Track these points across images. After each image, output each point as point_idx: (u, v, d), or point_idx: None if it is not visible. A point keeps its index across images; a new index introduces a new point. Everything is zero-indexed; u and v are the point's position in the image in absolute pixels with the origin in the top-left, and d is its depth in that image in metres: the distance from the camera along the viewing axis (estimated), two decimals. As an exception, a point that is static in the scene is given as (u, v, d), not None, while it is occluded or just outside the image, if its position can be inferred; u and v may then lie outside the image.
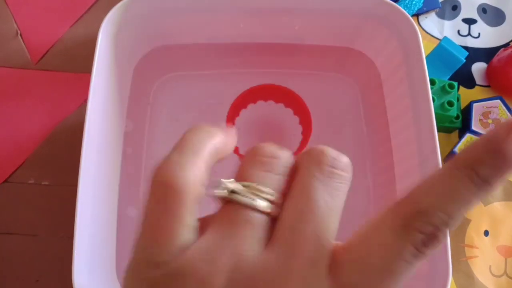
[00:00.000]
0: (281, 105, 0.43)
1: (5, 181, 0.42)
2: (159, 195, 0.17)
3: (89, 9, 0.49)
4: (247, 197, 0.17)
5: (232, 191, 0.17)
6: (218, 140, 0.19)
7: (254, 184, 0.17)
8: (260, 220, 0.17)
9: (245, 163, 0.18)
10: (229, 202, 0.17)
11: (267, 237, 0.17)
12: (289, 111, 0.43)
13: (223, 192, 0.17)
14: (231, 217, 0.17)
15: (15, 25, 0.48)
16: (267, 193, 0.17)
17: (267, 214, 0.17)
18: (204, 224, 0.17)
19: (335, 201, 0.17)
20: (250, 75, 0.44)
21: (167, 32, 0.41)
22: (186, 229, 0.16)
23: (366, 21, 0.39)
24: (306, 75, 0.45)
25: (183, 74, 0.45)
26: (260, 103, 0.43)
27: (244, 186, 0.17)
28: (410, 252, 0.15)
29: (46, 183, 0.42)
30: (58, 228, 0.40)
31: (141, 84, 0.42)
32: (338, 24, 0.41)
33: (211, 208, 0.18)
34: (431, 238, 0.15)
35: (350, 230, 0.44)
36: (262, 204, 0.17)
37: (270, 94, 0.43)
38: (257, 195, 0.17)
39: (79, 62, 0.46)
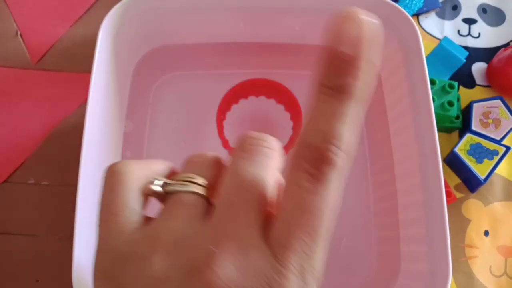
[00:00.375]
0: (272, 101, 0.43)
1: (5, 181, 0.42)
2: (107, 183, 0.19)
3: (89, 9, 0.49)
4: (178, 184, 0.19)
5: (165, 184, 0.20)
6: (158, 162, 0.21)
7: (185, 174, 0.20)
8: (193, 201, 0.19)
9: (182, 167, 0.21)
10: (168, 195, 0.19)
11: (207, 216, 0.18)
12: (281, 106, 0.43)
13: (157, 187, 0.20)
14: (168, 204, 0.19)
15: (14, 25, 0.48)
16: (196, 178, 0.19)
17: (201, 196, 0.19)
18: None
19: (261, 171, 0.18)
20: (250, 75, 0.44)
21: (167, 32, 0.41)
22: (131, 211, 0.19)
23: (366, 21, 0.39)
24: (306, 75, 0.45)
25: (183, 74, 0.45)
26: (252, 98, 0.43)
27: (175, 178, 0.20)
28: (305, 178, 0.16)
29: (46, 183, 0.42)
30: (58, 228, 0.40)
31: (141, 84, 0.42)
32: (338, 24, 0.41)
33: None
34: (318, 158, 0.16)
35: (350, 229, 0.44)
36: (194, 188, 0.19)
37: (261, 89, 0.42)
38: (189, 182, 0.19)
39: (79, 62, 0.46)
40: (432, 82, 0.43)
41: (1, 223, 0.41)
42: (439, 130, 0.38)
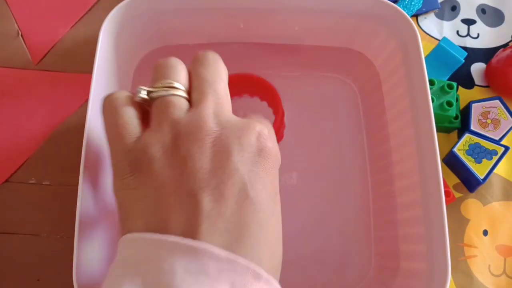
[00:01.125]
0: (256, 99, 0.41)
1: (6, 181, 0.42)
2: (108, 108, 0.26)
3: (90, 9, 0.49)
4: (162, 90, 0.25)
5: (149, 91, 0.25)
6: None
7: (165, 80, 0.25)
8: (178, 99, 0.25)
9: (153, 74, 0.27)
10: (153, 103, 0.25)
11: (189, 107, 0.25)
12: (264, 103, 0.40)
13: (143, 95, 0.25)
14: (157, 107, 0.25)
15: (15, 25, 0.48)
16: (174, 83, 0.25)
17: (182, 96, 0.25)
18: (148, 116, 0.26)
19: (215, 70, 0.27)
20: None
21: (167, 32, 0.41)
22: (132, 122, 0.25)
23: (365, 21, 0.40)
24: (306, 75, 0.45)
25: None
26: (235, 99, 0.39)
27: (158, 84, 0.25)
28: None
29: (47, 183, 0.42)
30: (58, 227, 0.41)
31: (142, 84, 0.43)
32: (337, 24, 0.41)
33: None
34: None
35: (349, 228, 0.44)
36: (175, 91, 0.25)
37: (242, 87, 0.39)
38: (170, 86, 0.25)
39: (80, 62, 0.46)
40: (431, 83, 0.43)
41: (2, 222, 0.41)
42: (438, 130, 0.38)
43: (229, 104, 0.26)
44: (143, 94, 0.25)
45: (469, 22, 0.51)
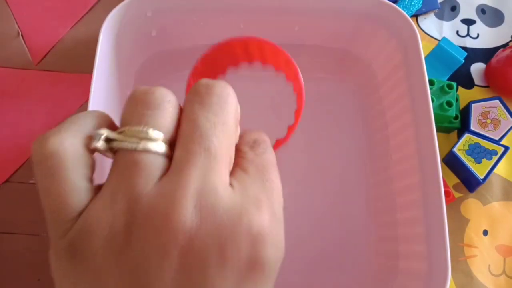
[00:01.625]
0: (271, 68, 0.32)
1: (6, 181, 0.42)
2: (41, 164, 0.17)
3: (90, 9, 0.49)
4: (125, 141, 0.17)
5: (108, 139, 0.17)
6: (94, 114, 0.19)
7: (137, 128, 0.17)
8: (150, 160, 0.17)
9: (124, 109, 0.18)
10: (116, 153, 0.17)
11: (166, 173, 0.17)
12: (282, 76, 0.32)
13: (103, 144, 0.17)
14: (119, 164, 0.17)
15: (16, 25, 0.48)
16: (152, 133, 0.17)
17: (156, 153, 0.17)
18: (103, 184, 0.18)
19: (217, 117, 0.17)
20: (250, 76, 0.44)
21: (168, 32, 0.41)
22: (76, 191, 0.17)
23: (365, 22, 0.40)
24: (305, 76, 0.45)
25: (184, 74, 0.45)
26: (244, 65, 0.31)
27: (127, 131, 0.17)
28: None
29: (47, 183, 0.42)
30: (59, 227, 0.41)
31: (142, 84, 0.42)
32: (337, 25, 0.41)
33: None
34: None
35: (350, 228, 0.44)
36: (149, 145, 0.17)
37: (253, 52, 0.31)
38: (143, 137, 0.17)
39: (80, 62, 0.46)
40: (431, 83, 0.43)
41: (2, 222, 0.41)
42: (438, 130, 0.38)
43: (226, 172, 0.17)
44: (100, 144, 0.17)
45: (468, 22, 0.51)
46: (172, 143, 0.17)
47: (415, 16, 0.51)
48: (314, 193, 0.42)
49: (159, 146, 0.17)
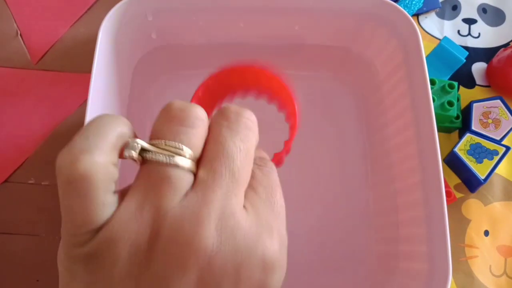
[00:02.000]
0: (264, 98, 0.32)
1: (5, 181, 0.42)
2: (70, 185, 0.17)
3: (89, 9, 0.49)
4: (160, 154, 0.17)
5: (143, 150, 0.18)
6: (119, 122, 0.19)
7: (170, 142, 0.18)
8: (179, 176, 0.17)
9: (157, 121, 0.19)
10: (146, 163, 0.18)
11: (189, 189, 0.18)
12: (273, 106, 0.31)
13: (135, 153, 0.18)
14: (148, 176, 0.17)
15: (15, 25, 0.48)
16: (184, 150, 0.18)
17: (186, 169, 0.17)
18: (126, 193, 0.18)
19: (244, 143, 0.19)
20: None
21: (167, 32, 0.41)
22: (102, 207, 0.17)
23: (366, 21, 0.39)
24: (306, 75, 0.45)
25: (183, 74, 0.45)
26: (239, 95, 0.31)
27: (159, 144, 0.18)
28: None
29: (46, 183, 0.42)
30: (58, 228, 0.40)
31: (141, 83, 0.42)
32: (338, 24, 0.41)
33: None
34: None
35: (351, 228, 0.44)
36: (179, 161, 0.17)
37: (248, 83, 0.31)
38: (174, 152, 0.17)
39: (79, 62, 0.46)
40: (432, 82, 0.43)
41: (1, 223, 0.41)
42: (439, 130, 0.38)
43: (243, 194, 0.18)
44: (134, 154, 0.18)
45: (470, 21, 0.51)
46: (199, 161, 0.18)
47: (416, 15, 0.50)
48: (314, 193, 0.42)
49: (189, 163, 0.18)
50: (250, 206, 0.18)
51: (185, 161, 0.17)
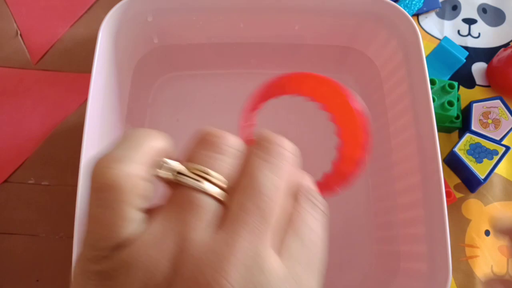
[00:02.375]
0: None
1: (5, 181, 0.42)
2: (99, 192, 0.16)
3: (89, 9, 0.49)
4: (193, 179, 0.17)
5: (178, 173, 0.17)
6: (157, 138, 0.18)
7: (201, 167, 0.17)
8: (208, 204, 0.17)
9: (194, 145, 0.18)
10: (178, 186, 0.17)
11: (219, 222, 0.17)
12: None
13: (167, 174, 0.17)
14: (178, 200, 0.17)
15: (15, 25, 0.48)
16: (215, 177, 0.17)
17: (216, 199, 0.17)
18: (156, 213, 0.17)
19: (278, 177, 0.17)
20: (250, 75, 0.44)
21: (166, 32, 0.41)
22: (129, 223, 0.16)
23: (366, 21, 0.39)
24: (306, 75, 0.45)
25: (183, 74, 0.45)
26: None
27: (190, 168, 0.17)
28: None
29: (46, 183, 0.42)
30: (58, 228, 0.40)
31: (141, 83, 0.42)
32: (338, 24, 0.41)
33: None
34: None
35: (351, 228, 0.44)
36: (210, 187, 0.17)
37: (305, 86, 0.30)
38: (205, 178, 0.17)
39: (79, 62, 0.46)
40: (432, 82, 0.43)
41: (1, 223, 0.41)
42: (439, 130, 0.38)
43: (276, 238, 0.17)
44: (168, 174, 0.17)
45: (470, 21, 0.51)
46: (230, 191, 0.17)
47: (416, 15, 0.50)
48: (314, 193, 0.42)
49: (217, 190, 0.17)
50: (288, 255, 0.17)
51: (213, 188, 0.17)
